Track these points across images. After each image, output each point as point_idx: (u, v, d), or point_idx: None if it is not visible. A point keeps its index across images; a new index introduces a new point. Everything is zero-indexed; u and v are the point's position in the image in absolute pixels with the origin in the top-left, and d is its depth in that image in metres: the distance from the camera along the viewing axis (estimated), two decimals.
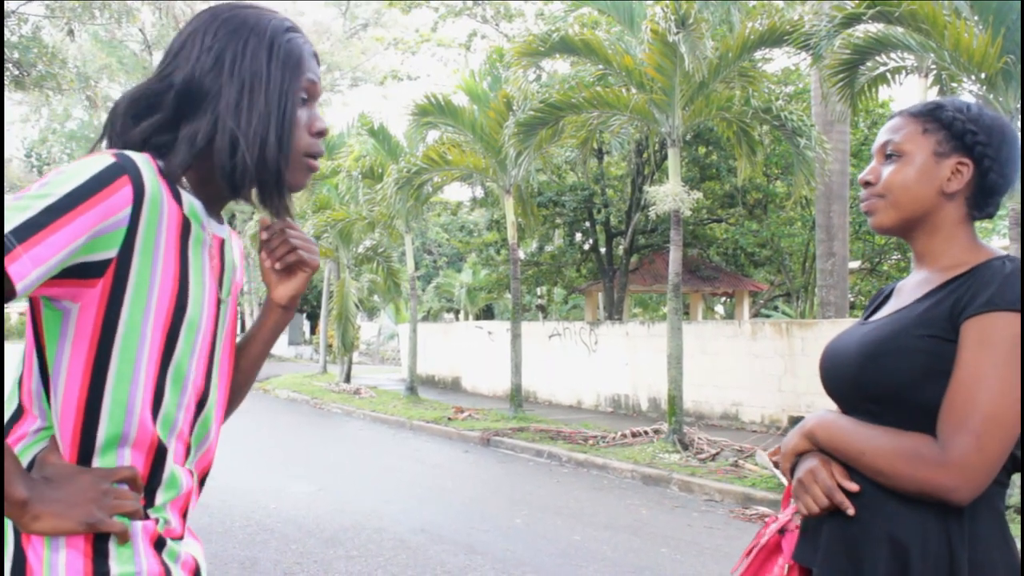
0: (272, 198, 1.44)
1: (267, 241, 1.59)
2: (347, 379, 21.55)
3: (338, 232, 19.83)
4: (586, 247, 22.24)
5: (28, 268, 1.15)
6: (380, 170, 17.42)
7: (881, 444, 1.51)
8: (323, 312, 25.24)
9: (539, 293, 29.78)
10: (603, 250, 20.67)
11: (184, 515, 1.44)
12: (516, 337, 15.12)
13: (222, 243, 1.46)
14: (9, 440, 1.30)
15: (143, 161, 1.29)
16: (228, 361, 1.51)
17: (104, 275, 1.25)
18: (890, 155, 1.68)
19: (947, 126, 1.63)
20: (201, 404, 1.42)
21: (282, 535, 6.58)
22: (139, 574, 1.27)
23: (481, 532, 6.91)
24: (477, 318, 32.42)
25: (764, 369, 13.55)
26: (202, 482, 1.51)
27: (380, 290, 23.16)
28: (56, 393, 1.28)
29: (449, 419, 14.20)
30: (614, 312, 19.93)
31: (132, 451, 1.31)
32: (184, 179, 1.39)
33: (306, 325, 45.19)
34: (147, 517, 1.32)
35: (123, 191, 1.24)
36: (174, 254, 1.32)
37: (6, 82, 17.14)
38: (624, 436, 11.64)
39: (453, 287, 33.11)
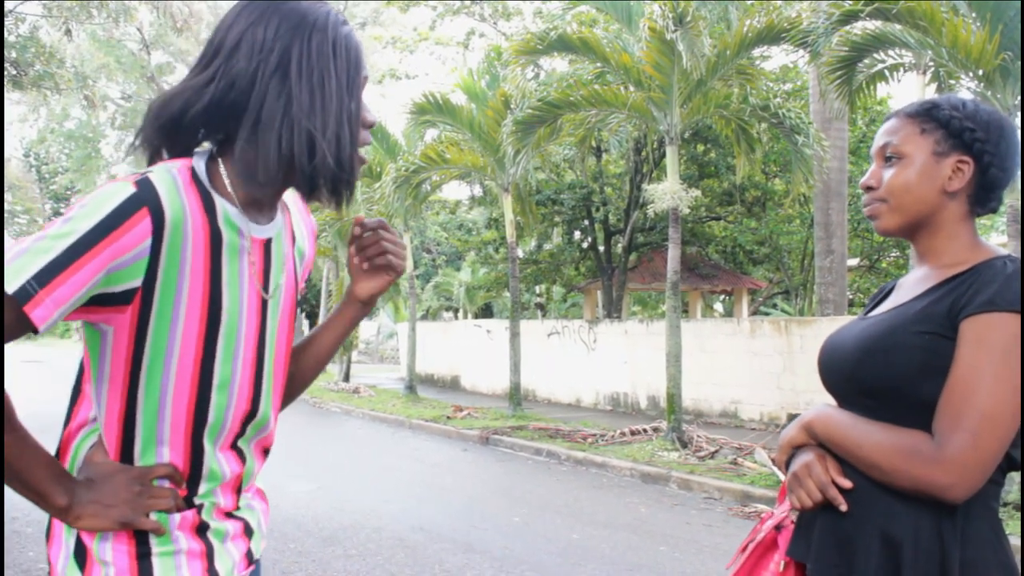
0: (344, 194, 1.44)
1: (359, 239, 1.61)
2: (346, 378, 21.55)
3: (336, 231, 19.81)
4: (585, 245, 22.23)
5: (50, 311, 1.19)
6: (378, 169, 17.41)
7: (878, 439, 1.52)
8: (322, 311, 25.22)
9: (538, 291, 29.76)
10: (602, 248, 20.66)
11: (238, 491, 1.50)
12: (515, 336, 15.11)
13: (267, 242, 1.46)
14: (72, 426, 1.43)
15: (166, 182, 1.30)
16: (283, 355, 1.53)
17: (132, 302, 1.29)
18: (889, 157, 1.68)
19: (945, 125, 1.63)
20: (254, 403, 1.47)
21: (281, 534, 6.58)
22: (178, 552, 1.38)
23: (480, 530, 6.91)
24: (476, 317, 32.40)
25: (763, 367, 13.55)
26: (266, 452, 1.57)
27: None
28: (100, 402, 1.36)
29: (448, 418, 14.20)
30: (613, 310, 19.92)
31: (171, 451, 1.38)
32: (227, 183, 1.38)
33: (305, 324, 45.19)
34: (192, 505, 1.41)
35: (142, 224, 1.25)
36: (203, 269, 1.34)
37: (4, 82, 17.12)
38: (623, 434, 11.65)
39: (452, 286, 33.06)
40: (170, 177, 1.31)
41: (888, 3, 7.91)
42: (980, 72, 7.88)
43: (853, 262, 19.23)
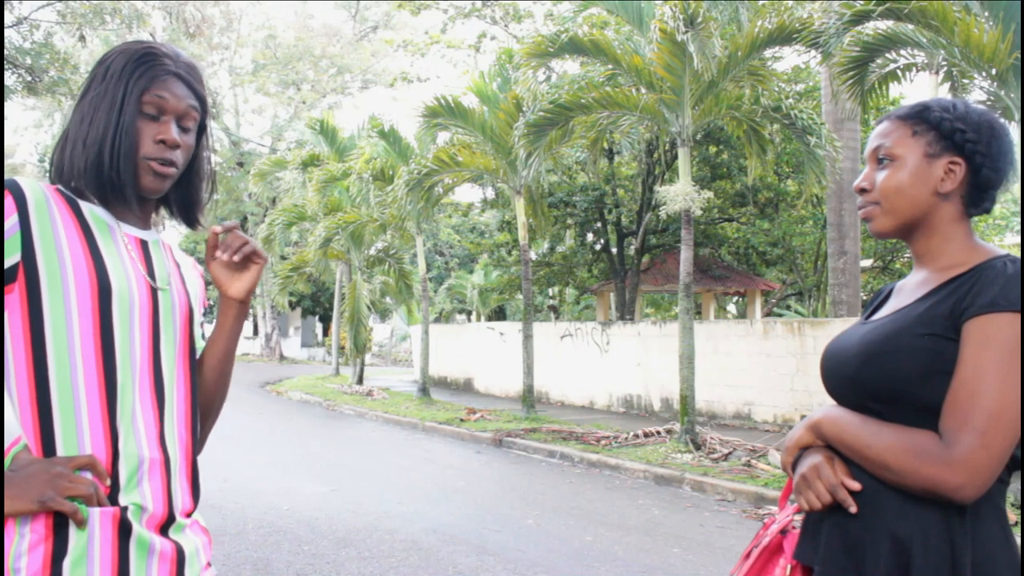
0: (126, 200, 1.58)
1: (225, 242, 1.74)
2: (359, 381, 21.60)
3: (349, 234, 19.87)
4: (597, 247, 22.23)
5: None
6: (391, 172, 17.45)
7: (888, 439, 1.52)
8: (335, 314, 25.30)
9: (551, 294, 29.78)
10: (615, 250, 20.65)
11: (169, 503, 1.52)
12: (528, 338, 15.12)
13: (143, 242, 1.62)
14: (11, 442, 1.46)
15: (29, 181, 1.49)
16: (184, 350, 1.62)
17: (16, 278, 1.42)
18: (882, 159, 1.69)
19: (936, 126, 1.64)
20: (157, 382, 1.54)
21: (295, 536, 6.61)
22: (90, 558, 1.39)
23: (493, 533, 6.92)
24: (489, 319, 32.43)
25: (776, 368, 13.52)
26: (195, 470, 1.63)
27: (392, 292, 23.20)
28: (13, 397, 1.43)
29: (461, 420, 14.22)
30: (626, 312, 19.91)
31: (90, 430, 1.43)
32: (88, 194, 1.57)
33: (319, 327, 45.31)
34: (116, 504, 1.44)
35: (5, 203, 1.42)
36: (80, 245, 1.48)
37: (19, 88, 17.25)
38: (636, 436, 11.64)
39: (465, 288, 33.13)
40: (32, 181, 1.49)
41: (900, 3, 7.89)
42: (993, 71, 7.85)
43: (866, 263, 19.17)
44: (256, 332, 41.09)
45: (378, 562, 5.97)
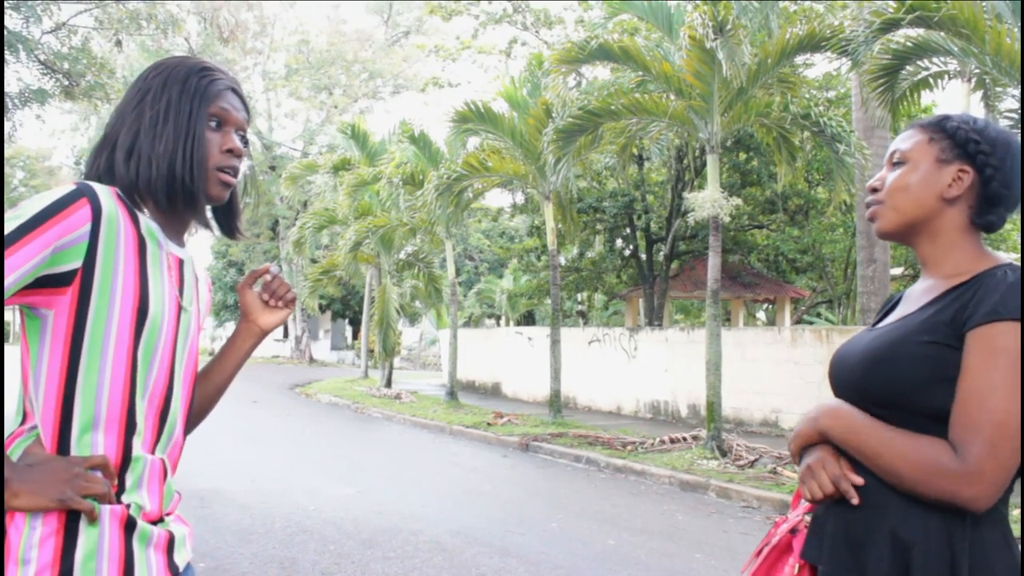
0: (195, 209, 1.67)
1: (269, 283, 1.90)
2: (388, 384, 21.70)
3: (379, 238, 20.00)
4: (626, 253, 22.22)
5: (6, 277, 1.38)
6: (421, 176, 17.54)
7: (899, 449, 1.53)
8: (365, 317, 25.44)
9: (580, 299, 29.77)
10: (643, 256, 20.64)
11: (162, 497, 1.61)
12: (556, 343, 15.14)
13: (180, 261, 1.68)
14: (11, 437, 1.52)
15: (103, 189, 1.53)
16: (191, 365, 1.70)
17: (72, 283, 1.47)
18: (896, 162, 1.73)
19: (951, 135, 1.68)
20: (167, 399, 1.61)
21: (321, 536, 6.68)
22: (100, 552, 1.44)
23: (517, 535, 6.96)
24: (518, 324, 32.45)
25: (804, 376, 13.47)
26: (174, 468, 1.70)
27: (421, 296, 23.32)
28: (38, 390, 1.49)
29: (488, 424, 14.27)
30: (654, 318, 19.89)
31: (105, 439, 1.49)
32: (144, 207, 1.63)
33: (348, 330, 45.52)
34: (119, 502, 1.50)
35: (82, 210, 1.46)
36: (133, 264, 1.53)
37: (56, 92, 17.52)
38: (663, 442, 11.64)
39: (494, 293, 33.18)
40: (104, 187, 1.54)
41: (930, 11, 7.86)
42: None
43: (896, 271, 19.02)
44: (286, 335, 41.37)
45: (402, 562, 6.03)
